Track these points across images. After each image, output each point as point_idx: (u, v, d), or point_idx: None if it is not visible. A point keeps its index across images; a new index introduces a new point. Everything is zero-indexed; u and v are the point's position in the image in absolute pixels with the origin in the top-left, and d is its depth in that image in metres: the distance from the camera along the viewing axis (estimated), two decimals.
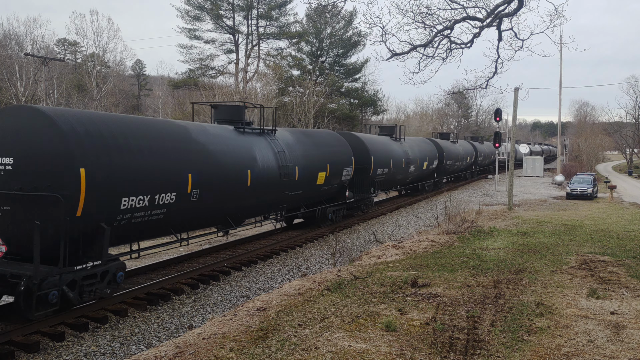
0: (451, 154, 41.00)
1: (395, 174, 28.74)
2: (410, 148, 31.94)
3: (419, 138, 39.19)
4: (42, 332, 9.75)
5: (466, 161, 47.48)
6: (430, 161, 35.45)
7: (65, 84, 51.57)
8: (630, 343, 7.95)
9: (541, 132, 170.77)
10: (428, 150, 35.68)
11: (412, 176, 32.58)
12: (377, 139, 27.86)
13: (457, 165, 44.69)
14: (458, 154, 43.69)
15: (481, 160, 55.95)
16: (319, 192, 20.28)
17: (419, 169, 33.53)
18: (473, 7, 14.38)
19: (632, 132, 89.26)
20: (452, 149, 41.92)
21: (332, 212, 22.05)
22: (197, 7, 53.72)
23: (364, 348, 7.58)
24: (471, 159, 50.10)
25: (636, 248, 16.09)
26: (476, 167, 54.54)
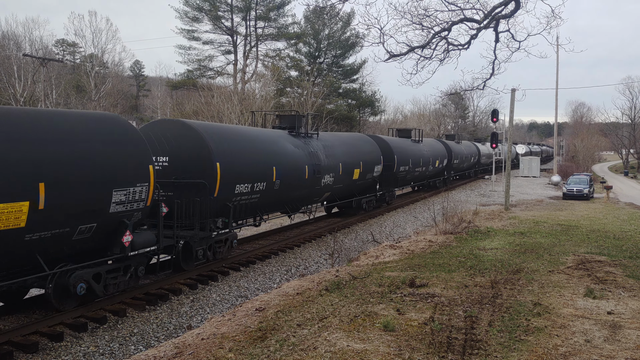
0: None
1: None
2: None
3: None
4: (40, 333, 9.77)
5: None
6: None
7: (63, 84, 51.51)
8: (627, 343, 8.01)
9: (538, 133, 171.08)
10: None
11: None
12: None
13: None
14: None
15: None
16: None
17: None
18: (470, 8, 14.44)
19: (628, 133, 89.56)
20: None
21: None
22: (195, 8, 53.74)
23: (363, 348, 7.63)
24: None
25: (632, 248, 16.16)
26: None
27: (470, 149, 52.72)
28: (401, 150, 29.89)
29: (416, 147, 33.98)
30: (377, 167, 25.80)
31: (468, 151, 50.66)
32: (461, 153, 47.39)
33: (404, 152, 30.33)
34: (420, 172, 34.22)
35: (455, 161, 44.50)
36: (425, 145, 36.47)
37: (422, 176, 36.09)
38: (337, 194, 22.73)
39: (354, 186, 24.09)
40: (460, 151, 47.28)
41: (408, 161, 30.67)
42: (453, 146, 44.66)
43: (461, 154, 47.44)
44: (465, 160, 49.21)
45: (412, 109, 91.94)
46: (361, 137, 26.69)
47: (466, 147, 50.60)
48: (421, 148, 34.80)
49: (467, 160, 49.76)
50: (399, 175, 29.57)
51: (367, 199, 26.19)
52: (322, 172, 20.06)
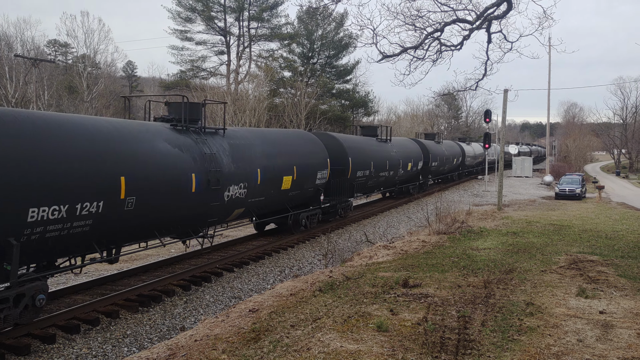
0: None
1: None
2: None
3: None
4: (32, 335, 9.71)
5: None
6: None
7: (55, 85, 51.24)
8: (618, 342, 8.06)
9: (530, 133, 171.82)
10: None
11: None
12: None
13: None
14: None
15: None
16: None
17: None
18: (463, 9, 14.52)
19: (620, 133, 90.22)
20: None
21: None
22: (188, 8, 53.63)
23: (356, 348, 7.63)
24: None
25: (624, 248, 16.27)
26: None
27: (453, 149, 46.18)
28: (359, 151, 24.85)
29: (382, 147, 28.67)
30: (321, 172, 20.64)
31: (450, 152, 44.37)
32: (442, 154, 40.74)
33: (362, 153, 25.26)
34: (386, 177, 29.02)
35: (433, 163, 38.15)
36: (395, 146, 30.75)
37: (390, 182, 30.54)
38: (260, 208, 17.42)
39: (285, 198, 18.67)
40: (440, 152, 40.52)
41: (369, 164, 25.61)
42: (431, 146, 37.81)
43: (442, 155, 41.15)
44: (447, 163, 42.83)
45: (406, 110, 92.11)
46: (299, 133, 21.71)
47: (448, 148, 44.10)
48: (389, 149, 29.47)
49: (448, 162, 43.49)
50: (356, 182, 24.55)
51: (309, 212, 20.73)
52: (223, 182, 14.35)
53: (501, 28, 15.15)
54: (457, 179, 51.37)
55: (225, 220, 15.91)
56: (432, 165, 37.90)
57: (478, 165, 60.20)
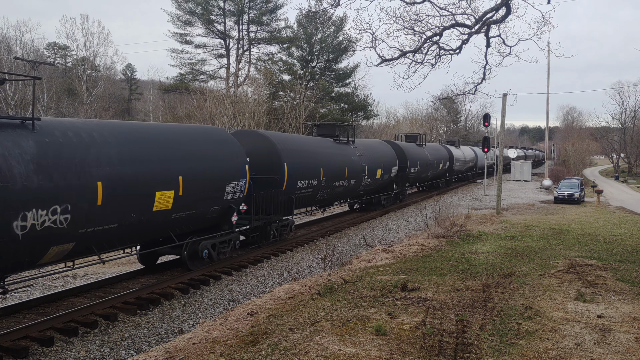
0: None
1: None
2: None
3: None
4: (30, 337, 9.70)
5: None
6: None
7: (55, 88, 51.23)
8: (617, 346, 8.06)
9: (529, 137, 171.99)
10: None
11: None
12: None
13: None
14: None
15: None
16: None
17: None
18: (462, 14, 14.55)
19: (619, 137, 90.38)
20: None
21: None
22: (188, 12, 53.67)
23: (354, 352, 7.63)
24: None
25: (623, 252, 16.28)
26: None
27: (438, 153, 40.45)
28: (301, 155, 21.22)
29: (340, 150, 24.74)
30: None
31: (435, 156, 38.46)
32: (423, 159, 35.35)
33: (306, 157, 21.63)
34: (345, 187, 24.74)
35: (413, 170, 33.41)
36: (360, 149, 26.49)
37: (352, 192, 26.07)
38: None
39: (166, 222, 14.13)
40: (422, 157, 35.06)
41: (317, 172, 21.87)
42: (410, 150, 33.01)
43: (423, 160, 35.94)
44: (430, 168, 37.10)
45: (405, 113, 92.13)
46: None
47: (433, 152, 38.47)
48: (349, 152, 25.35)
49: (432, 167, 37.67)
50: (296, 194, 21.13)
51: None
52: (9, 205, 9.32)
53: (500, 32, 15.18)
54: (445, 186, 45.84)
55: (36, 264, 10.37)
56: (411, 172, 32.49)
57: (469, 171, 55.68)
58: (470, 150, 55.28)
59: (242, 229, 16.77)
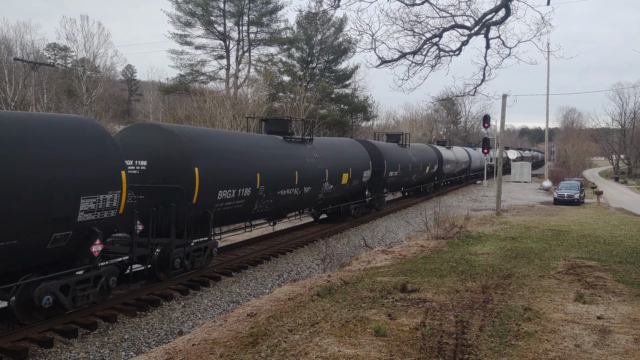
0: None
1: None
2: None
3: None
4: (30, 339, 9.69)
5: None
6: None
7: (55, 88, 51.28)
8: (616, 348, 8.06)
9: (529, 138, 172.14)
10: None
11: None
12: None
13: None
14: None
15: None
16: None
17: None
18: (461, 15, 14.56)
19: (618, 139, 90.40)
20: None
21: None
22: (188, 13, 53.73)
23: (354, 353, 7.63)
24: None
25: (622, 253, 16.28)
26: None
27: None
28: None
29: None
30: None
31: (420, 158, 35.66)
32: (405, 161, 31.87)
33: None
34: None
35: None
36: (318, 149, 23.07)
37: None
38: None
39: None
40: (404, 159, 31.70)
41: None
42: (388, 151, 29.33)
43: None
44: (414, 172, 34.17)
45: (405, 115, 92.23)
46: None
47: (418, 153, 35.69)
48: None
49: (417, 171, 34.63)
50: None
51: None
52: None
53: (499, 34, 15.18)
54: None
55: None
56: (390, 176, 28.71)
57: (462, 174, 52.06)
58: (462, 151, 52.28)
59: (115, 261, 11.64)
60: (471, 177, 56.11)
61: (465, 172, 53.59)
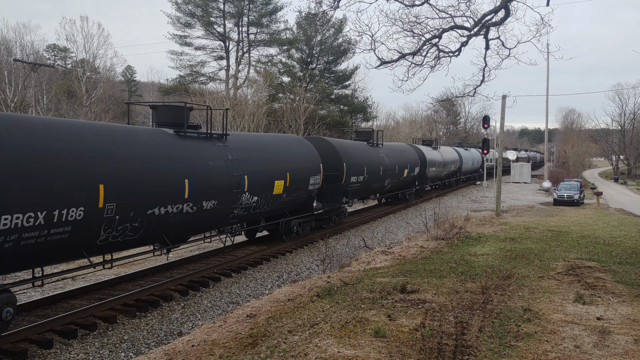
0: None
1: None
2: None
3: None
4: (29, 340, 9.69)
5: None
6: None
7: (54, 89, 51.28)
8: (616, 348, 8.06)
9: (529, 139, 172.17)
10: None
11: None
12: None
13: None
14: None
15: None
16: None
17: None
18: (461, 16, 14.56)
19: (618, 139, 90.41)
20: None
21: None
22: (188, 14, 53.75)
23: (353, 354, 7.63)
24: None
25: (622, 254, 16.28)
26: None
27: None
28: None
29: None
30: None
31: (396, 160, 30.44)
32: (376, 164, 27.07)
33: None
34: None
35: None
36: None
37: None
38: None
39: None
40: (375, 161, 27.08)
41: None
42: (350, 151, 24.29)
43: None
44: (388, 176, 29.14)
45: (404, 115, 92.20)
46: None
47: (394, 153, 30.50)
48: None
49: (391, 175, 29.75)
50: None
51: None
52: None
53: (499, 34, 15.20)
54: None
55: None
56: (352, 182, 24.11)
57: (451, 177, 47.09)
58: (452, 151, 46.39)
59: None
60: (462, 181, 51.35)
61: (454, 175, 48.01)
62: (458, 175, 48.47)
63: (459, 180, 49.82)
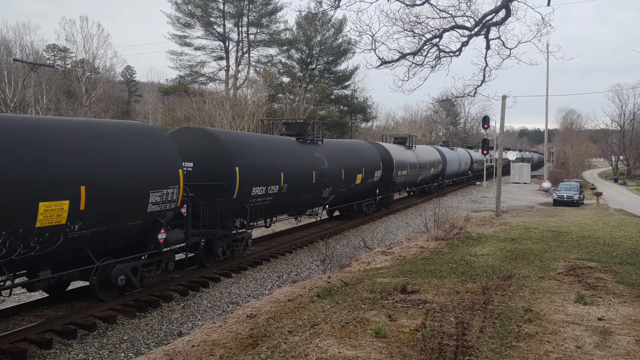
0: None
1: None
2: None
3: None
4: (29, 340, 9.66)
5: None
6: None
7: (54, 89, 51.25)
8: (617, 349, 8.04)
9: (528, 140, 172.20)
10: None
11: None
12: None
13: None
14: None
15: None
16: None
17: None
18: (461, 16, 14.54)
19: (618, 140, 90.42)
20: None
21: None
22: (187, 14, 53.70)
23: (354, 355, 7.60)
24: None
25: (622, 254, 16.26)
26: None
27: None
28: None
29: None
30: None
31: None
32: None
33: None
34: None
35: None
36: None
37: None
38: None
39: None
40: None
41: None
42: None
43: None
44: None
45: (404, 116, 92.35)
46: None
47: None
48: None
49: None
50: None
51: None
52: None
53: (500, 34, 15.18)
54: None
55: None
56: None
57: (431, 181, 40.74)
58: (432, 151, 40.34)
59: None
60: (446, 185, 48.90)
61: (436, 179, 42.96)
62: (440, 179, 42.62)
63: (441, 185, 44.04)
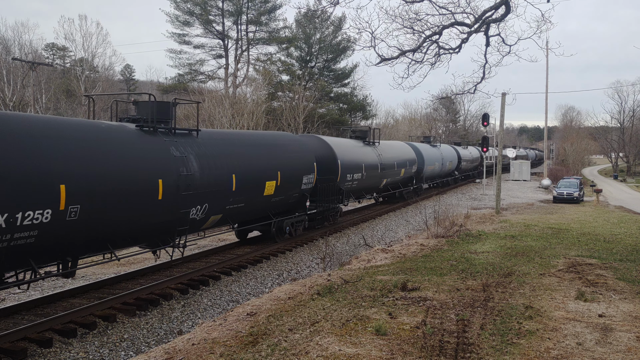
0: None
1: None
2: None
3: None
4: (29, 339, 9.65)
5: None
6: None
7: (53, 88, 51.18)
8: (618, 345, 8.03)
9: (528, 137, 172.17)
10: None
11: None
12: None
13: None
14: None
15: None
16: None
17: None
18: (461, 12, 14.50)
19: (617, 137, 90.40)
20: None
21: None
22: (186, 12, 53.60)
23: (355, 352, 7.59)
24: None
25: (622, 251, 16.26)
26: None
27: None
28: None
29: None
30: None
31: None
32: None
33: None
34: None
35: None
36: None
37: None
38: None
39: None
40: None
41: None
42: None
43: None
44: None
45: (404, 113, 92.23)
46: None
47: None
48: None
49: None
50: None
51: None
52: None
53: (499, 31, 15.14)
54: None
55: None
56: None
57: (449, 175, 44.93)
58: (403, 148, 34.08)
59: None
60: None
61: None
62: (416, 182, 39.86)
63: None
